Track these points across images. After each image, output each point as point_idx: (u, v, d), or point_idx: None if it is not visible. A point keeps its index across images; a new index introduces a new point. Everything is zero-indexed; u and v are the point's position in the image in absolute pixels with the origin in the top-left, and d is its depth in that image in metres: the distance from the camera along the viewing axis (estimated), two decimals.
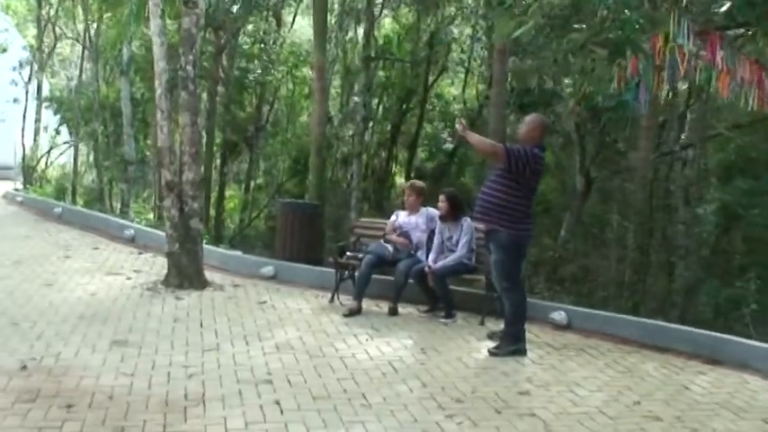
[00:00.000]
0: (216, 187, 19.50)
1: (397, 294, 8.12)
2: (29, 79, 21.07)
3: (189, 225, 9.08)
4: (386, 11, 19.27)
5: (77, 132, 19.68)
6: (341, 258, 8.61)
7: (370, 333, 7.33)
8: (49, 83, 23.73)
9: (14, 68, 20.89)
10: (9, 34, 23.48)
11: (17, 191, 18.04)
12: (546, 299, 9.67)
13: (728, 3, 5.40)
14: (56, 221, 13.56)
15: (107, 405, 5.15)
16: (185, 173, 9.12)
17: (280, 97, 21.56)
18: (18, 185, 19.16)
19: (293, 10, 21.51)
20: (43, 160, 20.50)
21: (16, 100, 20.80)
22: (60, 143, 20.83)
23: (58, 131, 20.72)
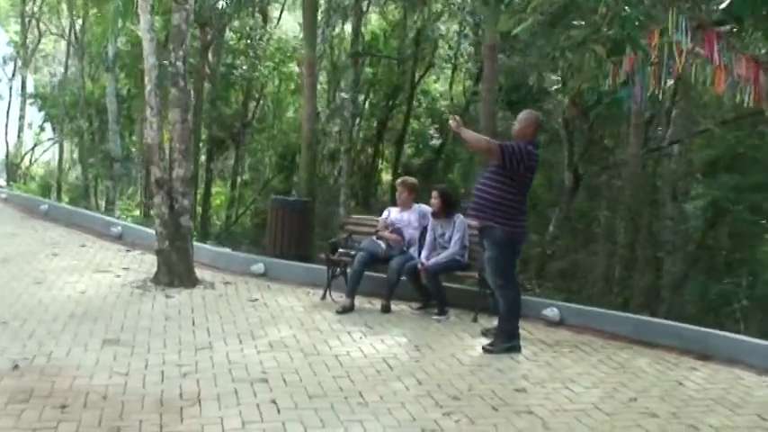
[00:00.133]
0: (202, 184, 19.43)
1: (390, 291, 8.09)
2: (12, 75, 20.90)
3: (179, 222, 9.01)
4: (372, 7, 19.21)
5: (62, 129, 19.55)
6: (333, 255, 8.58)
7: (364, 330, 7.30)
8: (33, 79, 23.55)
9: None
10: None
11: (1, 188, 17.87)
12: (537, 295, 9.68)
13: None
14: (42, 219, 13.41)
15: (102, 405, 5.11)
16: (175, 170, 9.05)
17: (266, 93, 21.50)
18: (2, 182, 19.00)
19: (280, 6, 21.44)
20: (27, 157, 20.36)
21: (0, 96, 20.66)
22: (45, 140, 20.71)
23: (42, 128, 20.60)
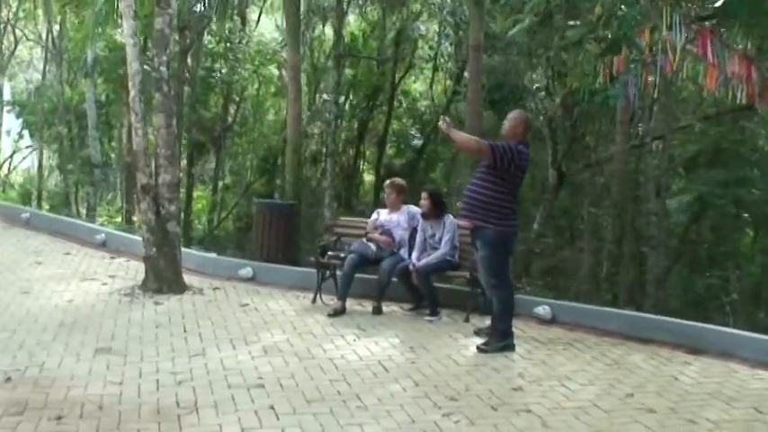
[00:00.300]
0: (183, 188, 19.29)
1: (381, 293, 8.07)
2: None
3: (166, 228, 8.94)
4: (352, 8, 19.18)
5: (41, 136, 19.37)
6: (322, 258, 8.54)
7: (357, 333, 7.28)
8: (9, 86, 23.32)
9: None
10: None
11: None
12: (528, 294, 9.70)
13: None
14: (23, 227, 13.22)
15: (98, 415, 5.04)
16: (161, 175, 8.98)
17: (246, 96, 21.41)
18: None
19: (258, 8, 21.36)
20: (6, 165, 20.16)
21: None
22: (23, 147, 20.53)
23: (21, 135, 20.41)
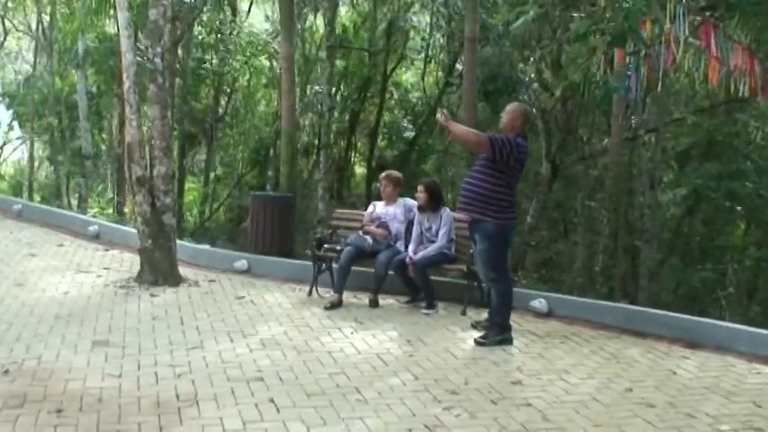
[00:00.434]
0: (174, 180, 19.22)
1: (378, 286, 8.06)
2: None
3: (161, 220, 8.90)
4: None
5: (32, 127, 19.24)
6: (318, 251, 8.53)
7: (354, 326, 7.27)
8: None
9: None
10: None
11: None
12: (524, 287, 9.71)
13: None
14: (15, 219, 13.15)
15: (98, 408, 5.02)
16: (156, 167, 8.93)
17: (237, 88, 21.31)
18: None
19: None
20: None
21: None
22: (14, 138, 20.40)
23: (11, 127, 20.27)
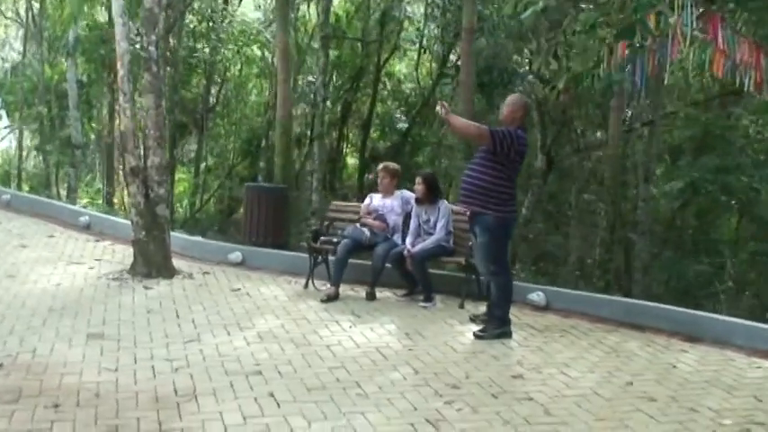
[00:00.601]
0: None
1: (375, 279, 7.99)
2: None
3: (155, 212, 8.80)
4: None
5: (20, 115, 19.04)
6: (315, 243, 8.45)
7: (352, 319, 7.20)
8: None
9: None
10: None
11: None
12: (522, 280, 9.66)
13: None
14: (4, 209, 13.00)
15: (95, 403, 4.94)
16: (150, 157, 8.82)
17: (229, 77, 21.14)
18: None
19: None
20: None
21: None
22: (1, 127, 20.18)
23: None
